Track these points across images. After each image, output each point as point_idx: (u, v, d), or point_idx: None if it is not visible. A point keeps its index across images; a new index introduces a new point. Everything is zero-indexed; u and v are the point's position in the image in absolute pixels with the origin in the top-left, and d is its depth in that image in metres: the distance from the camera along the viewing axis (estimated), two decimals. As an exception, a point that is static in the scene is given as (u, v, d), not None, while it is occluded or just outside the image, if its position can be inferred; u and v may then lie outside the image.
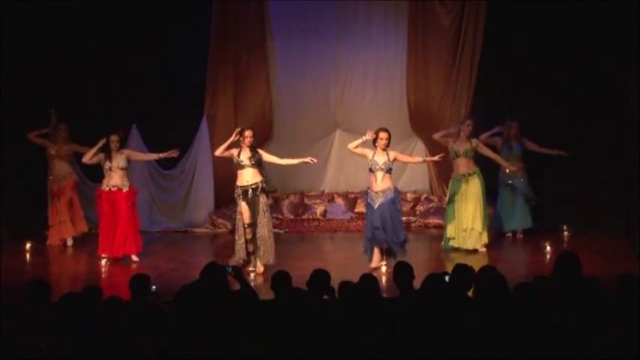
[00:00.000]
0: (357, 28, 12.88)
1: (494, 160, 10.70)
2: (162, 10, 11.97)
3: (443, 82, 12.61)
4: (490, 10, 11.99)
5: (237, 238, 9.39)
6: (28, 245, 10.56)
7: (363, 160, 9.75)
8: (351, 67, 13.03)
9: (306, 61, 13.01)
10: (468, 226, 10.29)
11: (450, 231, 10.42)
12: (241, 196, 9.28)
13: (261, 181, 9.30)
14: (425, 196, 12.99)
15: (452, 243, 10.38)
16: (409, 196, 12.88)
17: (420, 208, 12.74)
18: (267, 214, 9.36)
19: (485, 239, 10.34)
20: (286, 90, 13.05)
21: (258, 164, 9.31)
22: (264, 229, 9.30)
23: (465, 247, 10.28)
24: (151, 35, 12.03)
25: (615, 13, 10.72)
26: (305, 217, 12.87)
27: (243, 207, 9.27)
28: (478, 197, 10.32)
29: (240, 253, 9.28)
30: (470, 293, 5.79)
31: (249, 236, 9.25)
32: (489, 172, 10.90)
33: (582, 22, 11.25)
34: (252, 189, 9.26)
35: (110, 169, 10.00)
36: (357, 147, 9.44)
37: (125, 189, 10.04)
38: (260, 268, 9.27)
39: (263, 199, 9.31)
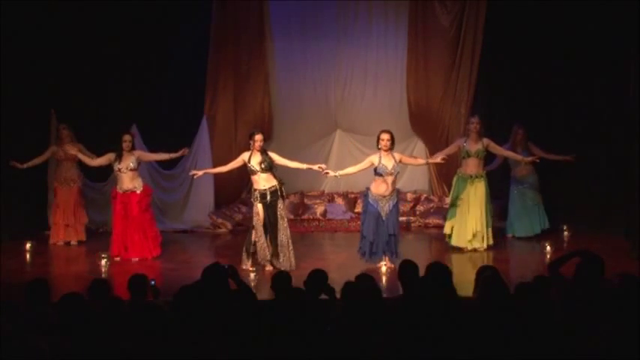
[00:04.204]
0: (357, 28, 12.88)
1: (508, 156, 10.71)
2: (163, 10, 11.97)
3: (443, 82, 12.61)
4: (490, 10, 11.99)
5: (256, 239, 9.37)
6: (28, 245, 10.55)
7: (363, 160, 9.75)
8: (351, 68, 13.02)
9: (306, 61, 13.01)
10: (476, 228, 10.25)
11: (447, 228, 10.40)
12: (259, 199, 9.30)
13: (278, 185, 9.33)
14: (425, 196, 12.98)
15: (453, 241, 10.35)
16: (409, 196, 12.88)
17: (420, 208, 12.73)
18: (285, 219, 9.39)
19: (489, 241, 10.32)
20: (286, 90, 13.04)
21: (269, 168, 9.33)
22: (283, 235, 9.33)
23: (469, 247, 10.26)
24: (151, 35, 12.03)
25: (615, 13, 10.72)
26: (305, 217, 12.87)
27: (260, 208, 9.29)
28: (483, 200, 10.28)
29: (262, 255, 9.31)
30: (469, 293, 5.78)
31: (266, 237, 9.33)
32: (492, 175, 10.86)
33: (582, 21, 11.25)
34: (271, 192, 9.29)
35: (119, 170, 10.02)
36: (356, 169, 9.49)
37: (138, 191, 10.06)
38: (269, 267, 9.32)
39: (281, 205, 9.36)
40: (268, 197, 9.29)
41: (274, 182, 9.35)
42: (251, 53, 12.64)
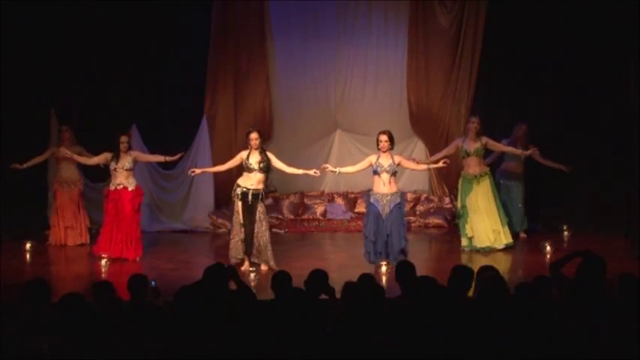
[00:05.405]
0: (357, 28, 12.87)
1: (507, 151, 10.71)
2: (163, 10, 11.97)
3: (443, 82, 12.60)
4: (490, 10, 11.99)
5: (231, 236, 9.42)
6: (28, 245, 10.55)
7: (363, 160, 9.74)
8: (351, 67, 13.02)
9: (306, 61, 13.01)
10: (494, 226, 10.20)
11: (469, 230, 10.24)
12: (239, 197, 9.30)
13: (262, 189, 9.32)
14: (425, 196, 12.97)
15: (475, 243, 10.22)
16: (409, 196, 12.86)
17: (420, 208, 12.73)
18: (264, 221, 9.37)
19: (508, 239, 10.25)
20: (286, 90, 13.04)
21: (266, 170, 9.33)
22: (263, 237, 9.33)
23: (494, 246, 10.17)
24: (151, 35, 12.03)
25: (615, 13, 10.72)
26: (305, 217, 12.87)
27: (240, 206, 9.30)
28: (492, 198, 10.25)
29: (233, 252, 9.33)
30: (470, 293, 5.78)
31: (242, 236, 9.28)
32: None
33: (582, 21, 11.25)
34: (253, 195, 9.27)
35: (115, 169, 10.04)
36: (355, 169, 9.56)
37: (131, 187, 10.06)
38: (264, 267, 9.33)
39: (261, 208, 9.34)
40: (249, 198, 9.29)
41: (261, 185, 9.35)
42: (251, 53, 12.64)
